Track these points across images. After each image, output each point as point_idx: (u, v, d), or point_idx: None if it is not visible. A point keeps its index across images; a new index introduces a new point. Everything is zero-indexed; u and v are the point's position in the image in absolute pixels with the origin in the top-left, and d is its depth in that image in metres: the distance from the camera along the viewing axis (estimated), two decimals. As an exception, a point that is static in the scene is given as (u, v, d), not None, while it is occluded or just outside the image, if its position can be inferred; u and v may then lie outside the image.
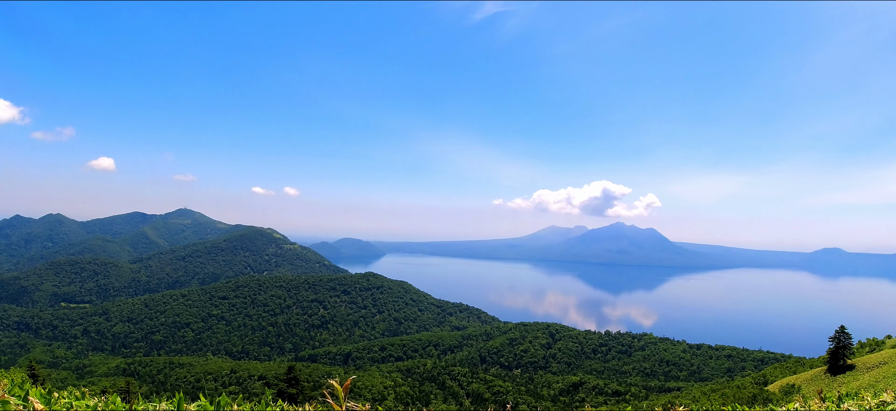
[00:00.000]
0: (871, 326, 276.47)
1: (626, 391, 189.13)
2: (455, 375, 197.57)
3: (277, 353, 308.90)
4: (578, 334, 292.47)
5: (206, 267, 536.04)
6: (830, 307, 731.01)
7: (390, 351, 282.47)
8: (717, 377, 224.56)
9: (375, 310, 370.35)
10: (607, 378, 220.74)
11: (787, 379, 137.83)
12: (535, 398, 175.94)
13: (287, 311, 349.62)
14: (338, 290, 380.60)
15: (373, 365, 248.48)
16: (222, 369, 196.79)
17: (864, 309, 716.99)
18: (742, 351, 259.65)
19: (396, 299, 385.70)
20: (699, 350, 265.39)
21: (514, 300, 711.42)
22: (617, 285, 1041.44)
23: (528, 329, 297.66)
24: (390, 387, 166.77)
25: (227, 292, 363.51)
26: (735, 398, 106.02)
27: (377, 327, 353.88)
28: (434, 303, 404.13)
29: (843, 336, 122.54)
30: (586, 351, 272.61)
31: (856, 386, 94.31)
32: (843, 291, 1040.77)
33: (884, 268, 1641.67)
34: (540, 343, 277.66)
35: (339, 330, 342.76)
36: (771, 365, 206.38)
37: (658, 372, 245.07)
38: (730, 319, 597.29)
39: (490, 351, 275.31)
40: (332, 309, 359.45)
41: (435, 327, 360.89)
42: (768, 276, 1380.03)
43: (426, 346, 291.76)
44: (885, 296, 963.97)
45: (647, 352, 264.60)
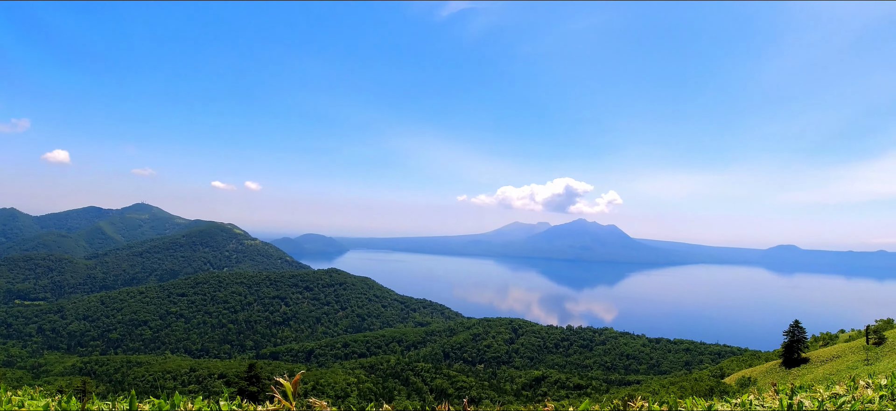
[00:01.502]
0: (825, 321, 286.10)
1: (588, 384, 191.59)
2: (419, 371, 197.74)
3: (238, 351, 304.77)
4: (541, 329, 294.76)
5: (164, 263, 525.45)
6: (785, 302, 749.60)
7: (353, 347, 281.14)
8: (676, 370, 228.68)
9: (338, 307, 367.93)
10: (569, 372, 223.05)
11: (744, 371, 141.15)
12: (498, 392, 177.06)
13: (248, 308, 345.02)
14: (300, 287, 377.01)
15: (336, 362, 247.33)
16: (182, 368, 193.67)
17: (817, 304, 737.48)
18: (700, 345, 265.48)
19: (360, 295, 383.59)
20: (658, 344, 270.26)
21: (478, 296, 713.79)
22: (579, 281, 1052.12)
23: (491, 324, 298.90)
24: (353, 384, 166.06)
25: (187, 289, 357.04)
26: (693, 390, 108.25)
27: (340, 324, 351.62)
28: (398, 299, 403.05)
29: (798, 330, 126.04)
30: (549, 345, 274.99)
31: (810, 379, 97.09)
32: (797, 287, 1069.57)
33: (837, 265, 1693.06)
34: (503, 338, 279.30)
35: (302, 327, 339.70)
36: (728, 358, 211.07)
37: (619, 366, 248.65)
38: (688, 314, 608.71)
39: (454, 347, 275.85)
40: (294, 306, 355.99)
41: (399, 323, 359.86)
42: (726, 272, 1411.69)
43: (390, 343, 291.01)
44: (838, 291, 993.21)
45: (607, 347, 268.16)
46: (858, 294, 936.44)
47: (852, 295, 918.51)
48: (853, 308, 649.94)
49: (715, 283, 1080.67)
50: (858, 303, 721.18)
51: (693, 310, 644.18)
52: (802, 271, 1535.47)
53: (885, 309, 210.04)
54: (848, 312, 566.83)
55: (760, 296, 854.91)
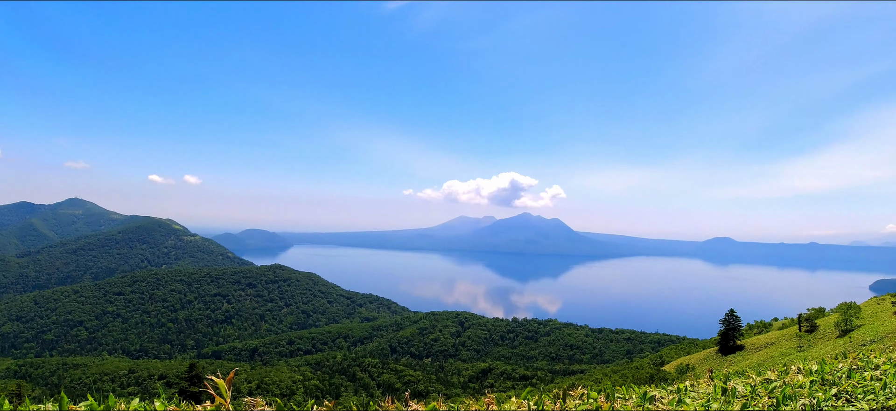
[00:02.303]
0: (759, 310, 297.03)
1: (533, 375, 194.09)
2: (365, 367, 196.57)
3: (179, 351, 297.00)
4: (487, 322, 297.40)
5: (100, 260, 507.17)
6: (721, 292, 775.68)
7: (299, 344, 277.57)
8: (618, 359, 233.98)
9: (282, 303, 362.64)
10: (515, 363, 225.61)
11: (682, 359, 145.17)
12: (446, 385, 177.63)
13: (188, 307, 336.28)
14: (242, 283, 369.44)
15: (281, 360, 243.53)
16: (120, 369, 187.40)
17: (752, 294, 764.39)
18: (640, 335, 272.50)
19: (304, 291, 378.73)
20: (601, 334, 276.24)
21: (425, 290, 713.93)
22: (524, 273, 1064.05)
23: (438, 318, 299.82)
24: (299, 382, 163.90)
25: (123, 287, 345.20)
26: (634, 378, 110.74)
27: (285, 320, 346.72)
28: (343, 294, 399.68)
29: (733, 319, 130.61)
30: (495, 337, 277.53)
31: (745, 366, 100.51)
32: (733, 277, 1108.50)
33: (769, 256, 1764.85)
34: (450, 331, 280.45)
35: (245, 325, 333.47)
36: (667, 346, 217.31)
37: (563, 356, 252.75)
38: (629, 304, 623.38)
39: (401, 342, 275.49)
40: (236, 304, 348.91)
41: (345, 319, 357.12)
42: (665, 264, 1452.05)
43: (336, 339, 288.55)
44: (771, 281, 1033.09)
45: (552, 338, 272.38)
46: (791, 284, 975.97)
47: (785, 285, 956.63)
48: (786, 297, 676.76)
49: (654, 275, 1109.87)
50: (791, 293, 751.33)
51: (634, 301, 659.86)
52: (737, 262, 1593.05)
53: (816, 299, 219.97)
54: (781, 301, 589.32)
55: (698, 287, 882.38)
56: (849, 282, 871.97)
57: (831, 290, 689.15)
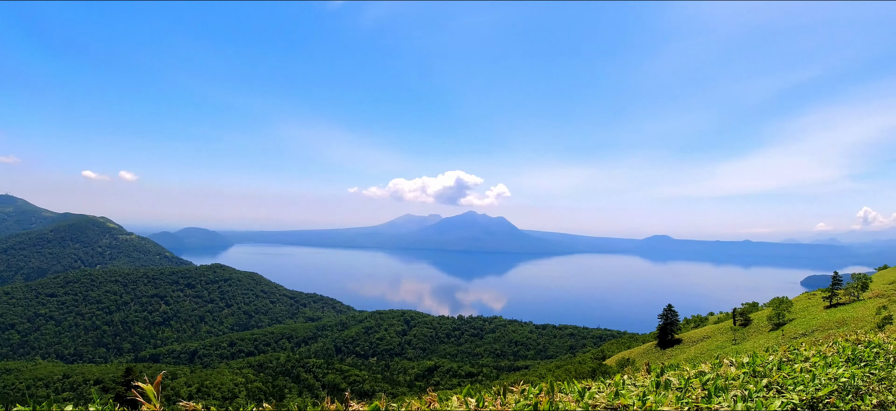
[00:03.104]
0: (696, 305, 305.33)
1: (479, 372, 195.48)
2: (310, 367, 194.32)
3: (115, 354, 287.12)
4: (433, 320, 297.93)
5: (30, 260, 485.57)
6: (660, 288, 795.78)
7: (240, 346, 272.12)
8: (562, 354, 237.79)
9: (223, 304, 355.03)
10: (461, 360, 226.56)
11: (623, 353, 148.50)
12: (392, 384, 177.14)
13: (124, 308, 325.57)
14: (181, 284, 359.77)
15: (222, 362, 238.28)
16: (54, 374, 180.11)
17: (689, 289, 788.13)
18: (583, 330, 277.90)
19: (246, 291, 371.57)
20: (545, 330, 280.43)
21: (370, 289, 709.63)
22: (470, 271, 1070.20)
23: (383, 317, 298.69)
24: (241, 384, 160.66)
25: (56, 288, 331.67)
26: (577, 373, 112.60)
27: (225, 322, 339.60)
28: (287, 294, 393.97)
29: (671, 313, 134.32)
30: (441, 335, 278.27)
31: (682, 359, 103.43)
32: (671, 273, 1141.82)
33: (706, 253, 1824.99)
34: (396, 330, 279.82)
35: (184, 327, 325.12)
36: (609, 341, 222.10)
37: (508, 353, 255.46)
38: (572, 300, 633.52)
39: (346, 341, 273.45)
40: (175, 305, 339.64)
41: (288, 319, 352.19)
42: (606, 260, 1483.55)
43: (279, 339, 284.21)
44: (707, 277, 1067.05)
45: (497, 334, 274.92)
46: (726, 279, 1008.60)
47: (720, 280, 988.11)
48: (721, 292, 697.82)
49: (596, 271, 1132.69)
50: (726, 288, 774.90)
51: (577, 297, 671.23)
52: (675, 259, 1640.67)
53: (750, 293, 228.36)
54: (717, 296, 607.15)
55: (638, 283, 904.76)
56: (781, 278, 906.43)
57: (765, 286, 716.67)
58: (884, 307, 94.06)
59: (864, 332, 21.49)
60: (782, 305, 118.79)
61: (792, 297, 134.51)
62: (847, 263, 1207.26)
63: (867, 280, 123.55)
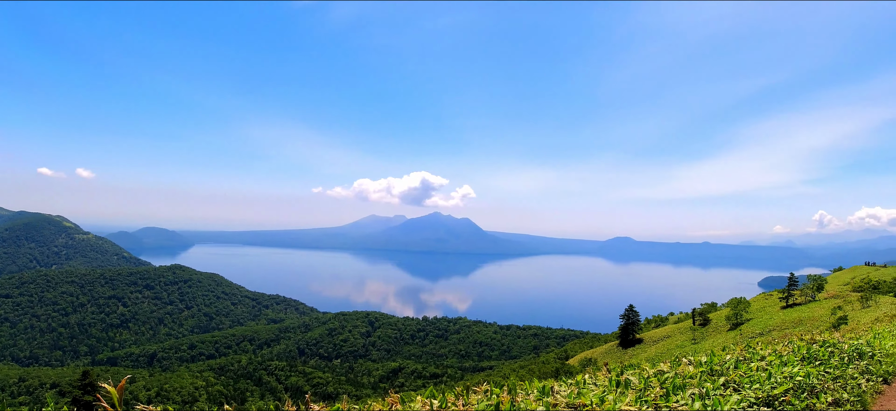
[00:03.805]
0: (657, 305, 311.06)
1: (443, 373, 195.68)
2: (272, 370, 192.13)
3: (72, 357, 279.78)
4: (397, 321, 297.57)
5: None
6: (622, 288, 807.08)
7: (201, 348, 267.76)
8: (525, 354, 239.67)
9: (183, 306, 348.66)
10: (425, 362, 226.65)
11: (586, 353, 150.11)
12: (356, 386, 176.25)
13: (81, 310, 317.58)
14: (140, 285, 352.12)
15: (182, 365, 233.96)
16: (9, 377, 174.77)
17: (650, 290, 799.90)
18: (546, 330, 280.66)
19: (207, 293, 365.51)
20: (509, 330, 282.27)
21: (334, 290, 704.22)
22: (434, 272, 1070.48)
23: (347, 318, 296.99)
24: (202, 388, 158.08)
25: (10, 289, 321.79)
26: (541, 373, 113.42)
27: (185, 324, 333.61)
28: (249, 295, 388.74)
29: (632, 314, 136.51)
30: (405, 337, 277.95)
31: (643, 358, 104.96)
32: (632, 274, 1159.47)
33: (667, 255, 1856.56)
34: (360, 331, 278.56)
35: (143, 329, 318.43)
36: (572, 341, 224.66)
37: (472, 353, 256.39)
38: (536, 301, 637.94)
39: (309, 343, 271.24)
40: (133, 307, 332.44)
41: (250, 321, 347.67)
42: (570, 262, 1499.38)
43: (241, 342, 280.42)
44: (667, 278, 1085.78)
45: (462, 335, 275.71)
46: (686, 280, 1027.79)
47: (680, 281, 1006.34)
48: (681, 293, 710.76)
49: (560, 272, 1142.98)
50: (686, 289, 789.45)
51: (540, 298, 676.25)
52: (637, 260, 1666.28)
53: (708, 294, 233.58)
54: (677, 297, 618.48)
55: (600, 284, 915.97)
56: (739, 279, 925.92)
57: (723, 286, 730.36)
58: (839, 307, 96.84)
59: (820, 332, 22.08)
60: (740, 305, 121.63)
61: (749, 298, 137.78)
62: (803, 265, 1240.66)
63: (822, 281, 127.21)
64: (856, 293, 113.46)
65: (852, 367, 14.76)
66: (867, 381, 14.98)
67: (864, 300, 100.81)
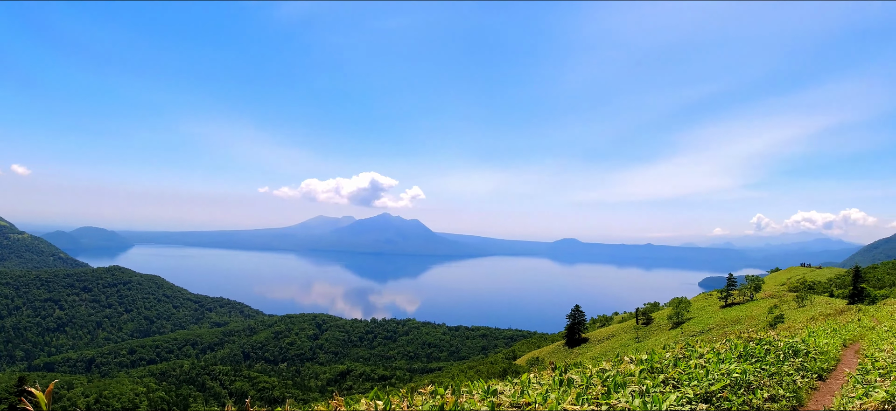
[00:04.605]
0: (602, 305, 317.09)
1: (392, 375, 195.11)
2: (216, 375, 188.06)
3: (6, 363, 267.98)
4: (346, 323, 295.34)
5: None
6: (568, 289, 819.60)
7: (141, 353, 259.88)
8: (474, 355, 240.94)
9: (122, 309, 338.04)
10: (374, 364, 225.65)
11: (533, 352, 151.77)
12: (303, 390, 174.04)
13: (15, 313, 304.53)
14: (77, 287, 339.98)
15: (122, 371, 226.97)
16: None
17: (595, 290, 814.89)
18: (495, 331, 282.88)
19: (147, 295, 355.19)
20: (458, 331, 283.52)
21: (280, 292, 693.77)
22: (383, 274, 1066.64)
23: (294, 321, 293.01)
24: (142, 394, 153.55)
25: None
26: (489, 373, 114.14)
27: (125, 328, 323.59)
28: (191, 298, 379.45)
29: (578, 314, 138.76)
30: (353, 339, 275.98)
31: (587, 357, 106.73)
32: (578, 275, 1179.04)
33: (610, 256, 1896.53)
34: (307, 334, 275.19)
35: (80, 333, 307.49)
36: (519, 341, 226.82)
37: (421, 355, 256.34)
38: (485, 302, 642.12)
39: (254, 347, 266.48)
40: (70, 310, 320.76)
41: (193, 325, 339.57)
42: (517, 263, 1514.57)
43: (183, 346, 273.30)
44: (612, 278, 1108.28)
45: (411, 337, 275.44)
46: (629, 280, 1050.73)
47: (624, 281, 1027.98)
48: (625, 293, 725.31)
49: (508, 273, 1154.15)
50: (629, 289, 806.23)
51: (489, 299, 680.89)
52: (582, 261, 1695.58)
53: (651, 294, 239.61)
54: (621, 297, 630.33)
55: (547, 284, 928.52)
56: (681, 279, 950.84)
57: (665, 286, 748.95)
58: (775, 306, 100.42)
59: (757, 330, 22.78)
60: (681, 305, 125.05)
61: (690, 298, 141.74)
62: (741, 266, 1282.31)
63: (760, 281, 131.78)
64: (792, 293, 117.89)
65: (788, 364, 15.31)
66: (802, 378, 15.57)
67: (799, 300, 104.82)
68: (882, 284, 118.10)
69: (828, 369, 19.46)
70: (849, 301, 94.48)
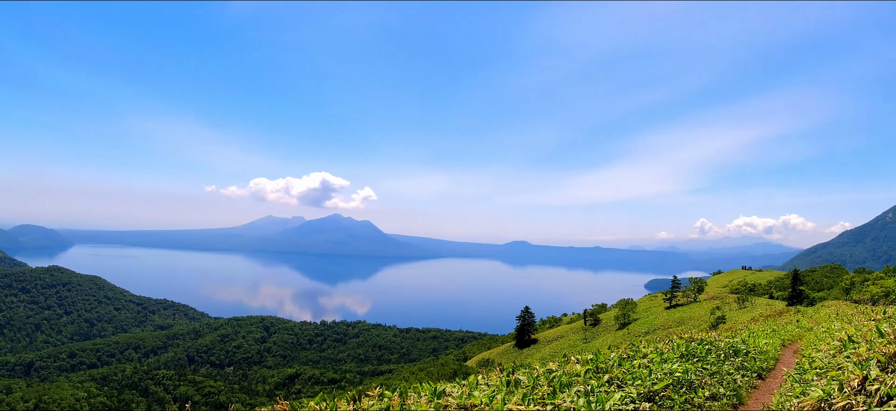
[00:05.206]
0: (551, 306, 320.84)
1: (342, 378, 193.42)
2: (160, 379, 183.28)
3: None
4: (294, 326, 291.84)
5: None
6: (519, 291, 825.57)
7: (82, 357, 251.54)
8: (425, 357, 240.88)
9: (62, 311, 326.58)
10: (323, 367, 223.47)
11: (484, 354, 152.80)
12: (250, 394, 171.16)
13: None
14: (14, 288, 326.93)
15: (61, 375, 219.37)
16: None
17: (545, 291, 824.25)
18: (446, 333, 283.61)
19: (88, 297, 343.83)
20: (408, 333, 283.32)
21: (227, 294, 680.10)
22: (333, 275, 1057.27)
23: (241, 324, 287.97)
24: (84, 399, 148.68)
25: None
26: (439, 375, 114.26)
27: (65, 330, 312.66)
28: (134, 300, 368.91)
29: (528, 315, 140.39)
30: (302, 342, 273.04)
31: (536, 358, 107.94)
32: (528, 277, 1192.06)
33: (560, 258, 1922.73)
34: (254, 337, 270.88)
35: (18, 336, 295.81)
36: (470, 343, 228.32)
37: (372, 357, 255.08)
38: (436, 304, 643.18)
39: (199, 350, 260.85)
40: (7, 312, 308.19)
41: (135, 327, 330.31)
42: (469, 265, 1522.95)
43: (125, 349, 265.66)
44: (561, 280, 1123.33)
45: (361, 339, 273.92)
46: (578, 282, 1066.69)
47: (573, 283, 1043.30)
48: (574, 295, 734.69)
49: (459, 275, 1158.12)
50: (578, 291, 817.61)
51: (440, 301, 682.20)
52: (532, 263, 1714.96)
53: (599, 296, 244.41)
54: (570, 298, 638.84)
55: (498, 286, 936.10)
56: (627, 282, 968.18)
57: (612, 288, 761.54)
58: (717, 307, 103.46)
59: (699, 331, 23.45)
60: (628, 306, 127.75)
61: (637, 299, 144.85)
62: (685, 268, 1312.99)
63: (703, 283, 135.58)
64: (733, 295, 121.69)
65: (729, 364, 15.78)
66: (743, 377, 16.08)
67: (740, 301, 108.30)
68: (820, 287, 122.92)
69: (767, 368, 20.15)
70: (788, 303, 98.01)
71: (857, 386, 7.26)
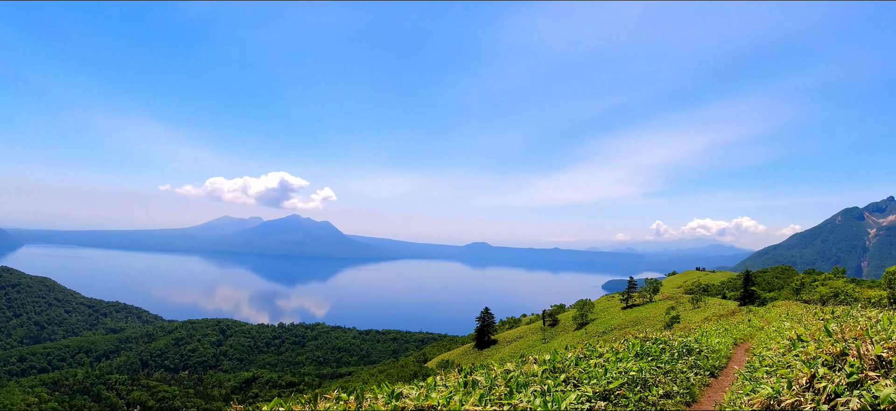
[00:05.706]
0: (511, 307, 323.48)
1: (300, 381, 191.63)
2: (112, 384, 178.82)
3: None
4: (251, 328, 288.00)
5: None
6: (479, 292, 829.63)
7: (32, 361, 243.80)
8: (385, 359, 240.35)
9: (11, 314, 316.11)
10: (281, 370, 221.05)
11: (444, 355, 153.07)
12: (206, 399, 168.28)
13: None
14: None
15: (11, 380, 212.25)
16: None
17: (504, 293, 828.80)
18: (406, 334, 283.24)
19: (37, 299, 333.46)
20: (368, 335, 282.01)
21: (182, 296, 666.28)
22: (292, 277, 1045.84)
23: (196, 327, 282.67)
24: (35, 405, 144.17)
25: None
26: (399, 376, 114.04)
27: (14, 334, 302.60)
28: (85, 302, 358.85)
29: (488, 316, 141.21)
30: (260, 345, 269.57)
31: (495, 358, 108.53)
32: (488, 278, 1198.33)
33: (519, 259, 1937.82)
34: (210, 340, 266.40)
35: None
36: (430, 344, 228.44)
37: (331, 360, 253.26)
38: (396, 305, 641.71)
39: (153, 354, 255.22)
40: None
41: (86, 331, 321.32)
42: (429, 266, 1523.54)
43: (76, 353, 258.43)
44: (520, 281, 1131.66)
45: (320, 341, 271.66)
46: (537, 283, 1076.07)
47: (532, 284, 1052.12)
48: (533, 295, 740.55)
49: (420, 276, 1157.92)
50: (537, 292, 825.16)
51: (400, 302, 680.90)
52: (493, 265, 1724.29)
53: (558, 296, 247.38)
54: (529, 299, 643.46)
55: (458, 287, 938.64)
56: (585, 282, 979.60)
57: (571, 289, 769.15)
58: (672, 307, 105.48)
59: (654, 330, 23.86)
60: (585, 307, 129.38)
61: (594, 300, 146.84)
62: (641, 269, 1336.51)
63: (658, 284, 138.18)
64: (687, 295, 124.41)
65: (682, 362, 16.10)
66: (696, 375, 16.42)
67: (694, 301, 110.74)
68: (771, 287, 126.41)
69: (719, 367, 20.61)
70: (740, 303, 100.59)
71: (806, 383, 7.46)
